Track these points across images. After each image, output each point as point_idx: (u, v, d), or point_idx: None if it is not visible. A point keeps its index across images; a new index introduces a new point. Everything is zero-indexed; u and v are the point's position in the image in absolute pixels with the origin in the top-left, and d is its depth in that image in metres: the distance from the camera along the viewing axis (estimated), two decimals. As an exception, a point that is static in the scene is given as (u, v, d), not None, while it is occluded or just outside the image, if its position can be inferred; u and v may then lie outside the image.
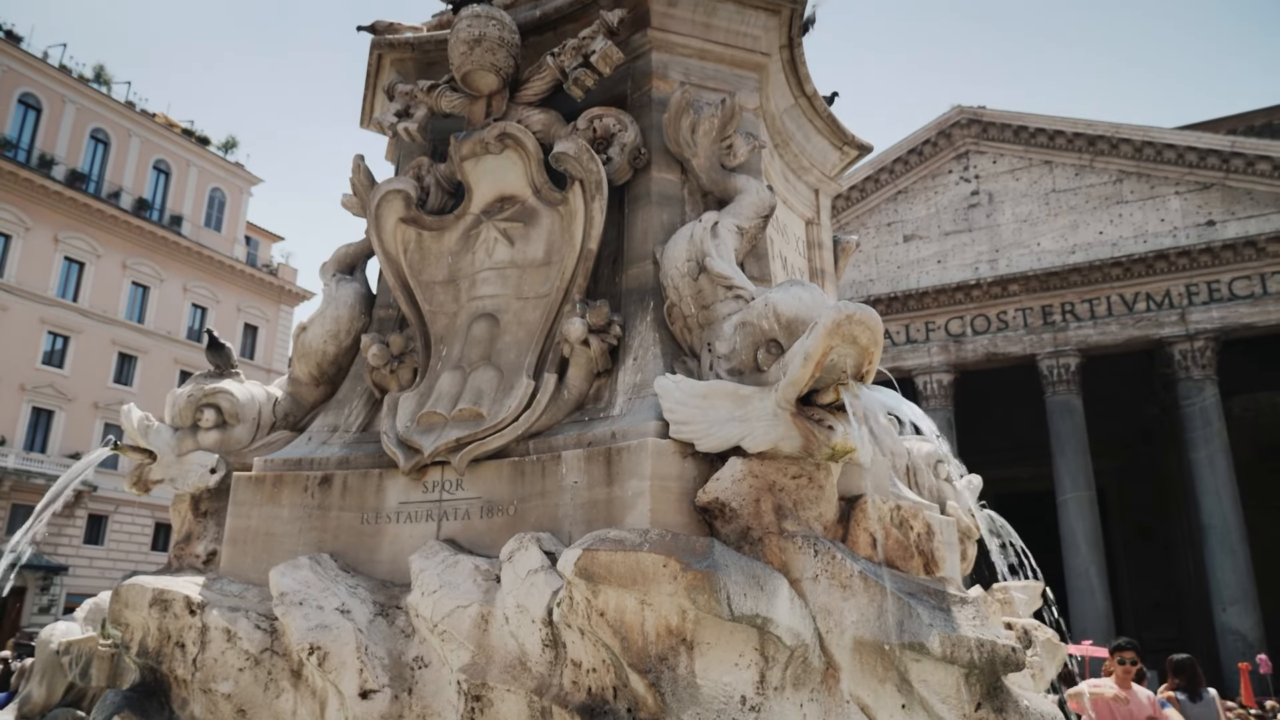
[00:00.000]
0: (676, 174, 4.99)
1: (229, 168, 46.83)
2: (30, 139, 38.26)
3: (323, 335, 5.54)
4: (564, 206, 4.89)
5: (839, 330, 3.56)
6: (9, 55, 37.54)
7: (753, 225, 4.73)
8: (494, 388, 4.70)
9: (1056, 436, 27.06)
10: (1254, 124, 36.08)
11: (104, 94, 41.26)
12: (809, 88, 5.93)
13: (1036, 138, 29.17)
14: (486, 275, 5.02)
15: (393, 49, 5.87)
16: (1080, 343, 27.32)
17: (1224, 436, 25.39)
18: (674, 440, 4.00)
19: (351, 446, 5.05)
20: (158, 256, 41.72)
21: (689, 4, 5.18)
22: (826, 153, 6.43)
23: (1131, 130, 27.91)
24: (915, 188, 30.86)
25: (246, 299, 45.93)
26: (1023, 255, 28.61)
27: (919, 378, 28.78)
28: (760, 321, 4.01)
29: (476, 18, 5.05)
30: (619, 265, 4.97)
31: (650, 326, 4.63)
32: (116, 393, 39.04)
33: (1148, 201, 27.63)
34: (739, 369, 4.10)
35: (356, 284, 5.74)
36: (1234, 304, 26.02)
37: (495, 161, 5.04)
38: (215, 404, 5.56)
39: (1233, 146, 26.71)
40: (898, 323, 29.42)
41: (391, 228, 5.23)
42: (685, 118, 4.87)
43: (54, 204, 37.63)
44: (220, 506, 5.34)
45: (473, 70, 5.05)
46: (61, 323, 37.70)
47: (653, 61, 5.16)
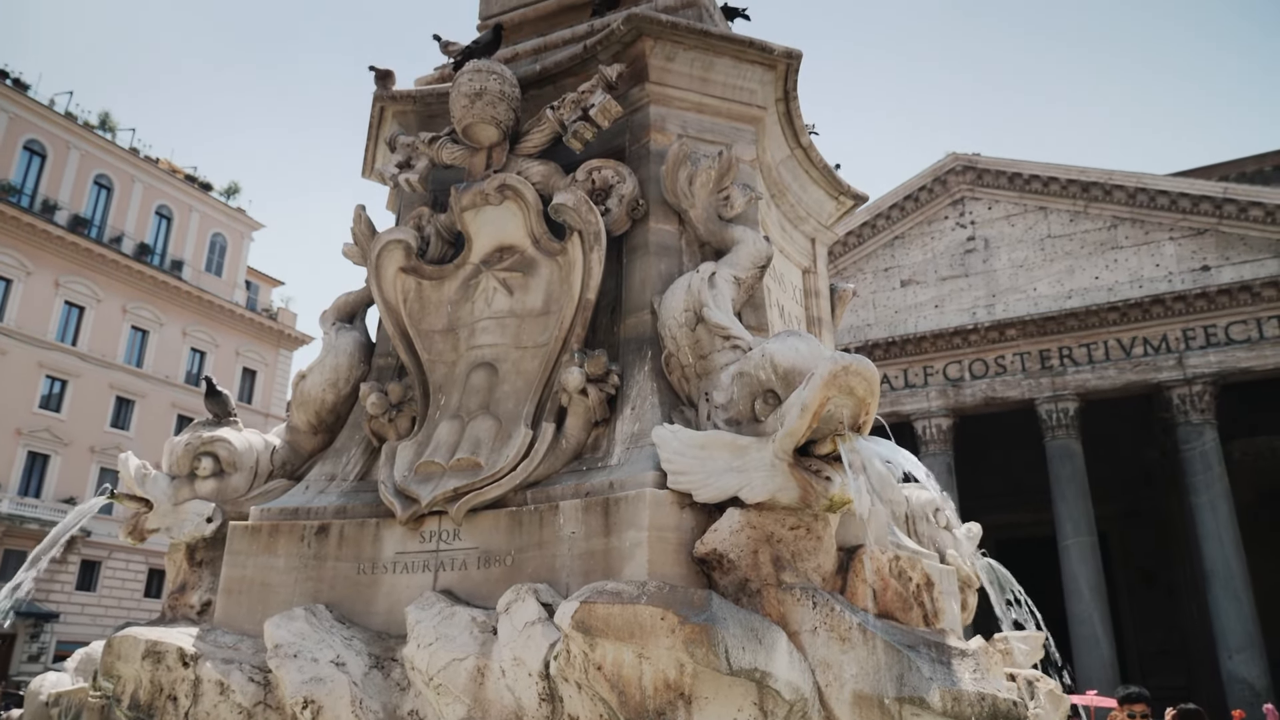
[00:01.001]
0: (674, 225, 5.05)
1: (230, 213, 47.21)
2: (34, 184, 38.61)
3: (321, 383, 5.55)
4: (563, 257, 4.93)
5: (835, 381, 3.58)
6: (16, 103, 38.04)
7: (750, 275, 4.78)
8: (492, 437, 4.70)
9: (1056, 481, 26.96)
10: (1245, 170, 36.54)
11: (108, 140, 41.75)
12: (805, 139, 6.03)
13: (1031, 184, 29.49)
14: (485, 324, 5.05)
15: (395, 101, 5.97)
16: (1078, 387, 27.34)
17: (1224, 481, 25.30)
18: (672, 491, 4.00)
19: (349, 496, 5.03)
20: (158, 301, 41.87)
21: (686, 59, 5.28)
22: (823, 202, 6.51)
23: (1124, 177, 28.23)
24: (912, 233, 31.12)
25: (245, 343, 45.99)
26: (1019, 300, 28.76)
27: (918, 422, 28.75)
28: (757, 372, 4.03)
29: (478, 72, 5.15)
30: (617, 315, 5.01)
31: (648, 376, 4.65)
32: (113, 437, 38.91)
33: (1142, 247, 27.86)
34: (736, 419, 4.11)
35: (356, 332, 5.77)
36: (1231, 348, 26.11)
37: (495, 212, 5.10)
38: (213, 452, 5.55)
39: (1225, 193, 27.01)
40: (896, 367, 29.46)
41: (391, 277, 5.27)
42: (683, 170, 4.94)
43: (56, 248, 37.86)
44: (216, 556, 5.31)
45: (474, 123, 5.13)
46: (60, 366, 37.69)
47: (651, 115, 5.25)
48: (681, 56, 5.27)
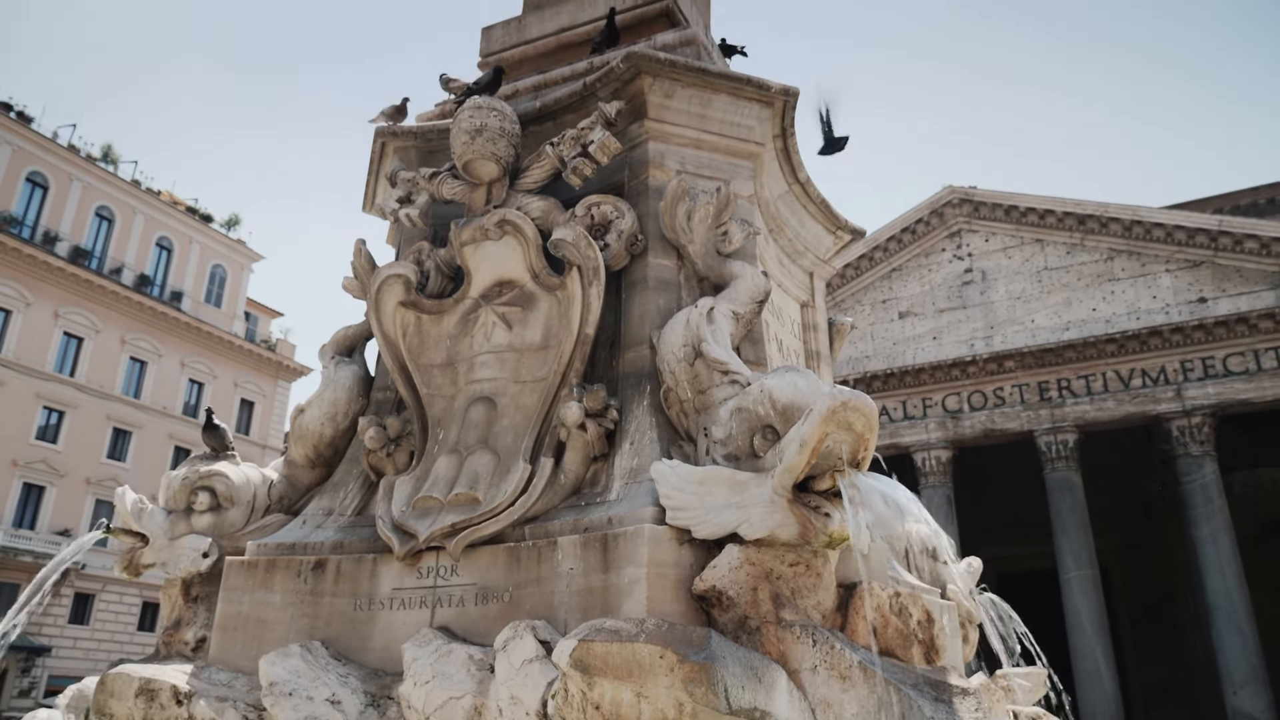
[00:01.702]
0: (673, 260, 5.08)
1: (231, 244, 47.43)
2: (36, 216, 38.83)
3: (320, 417, 5.55)
4: (562, 291, 4.95)
5: (834, 417, 3.58)
6: (19, 135, 38.37)
7: (748, 310, 4.80)
8: (490, 471, 4.69)
9: (1057, 514, 26.84)
10: (1240, 203, 36.83)
11: (110, 172, 42.05)
12: (802, 175, 6.08)
13: (1027, 217, 29.67)
14: (484, 359, 5.05)
15: (396, 137, 6.02)
16: (1078, 419, 27.31)
17: (1226, 513, 25.19)
18: (670, 526, 3.98)
19: (346, 531, 5.01)
20: (156, 332, 41.92)
21: (685, 96, 5.34)
22: (820, 237, 6.55)
23: (1120, 209, 28.41)
24: (909, 265, 31.25)
25: (244, 374, 45.99)
26: (1017, 332, 28.82)
27: (917, 454, 28.68)
28: (756, 407, 4.03)
29: (478, 109, 5.21)
30: (616, 349, 5.02)
31: (647, 411, 4.65)
32: (109, 468, 38.78)
33: (1139, 279, 27.98)
34: (735, 454, 4.11)
35: (355, 366, 5.78)
36: (1229, 380, 26.12)
37: (494, 247, 5.13)
38: (210, 487, 5.53)
39: (1220, 225, 27.17)
40: (895, 399, 29.45)
41: (391, 311, 5.29)
42: (681, 205, 4.98)
43: (56, 279, 37.98)
44: (212, 591, 5.26)
45: (474, 159, 5.18)
46: (57, 397, 37.64)
47: (649, 151, 5.30)
48: (680, 94, 5.33)
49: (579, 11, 6.76)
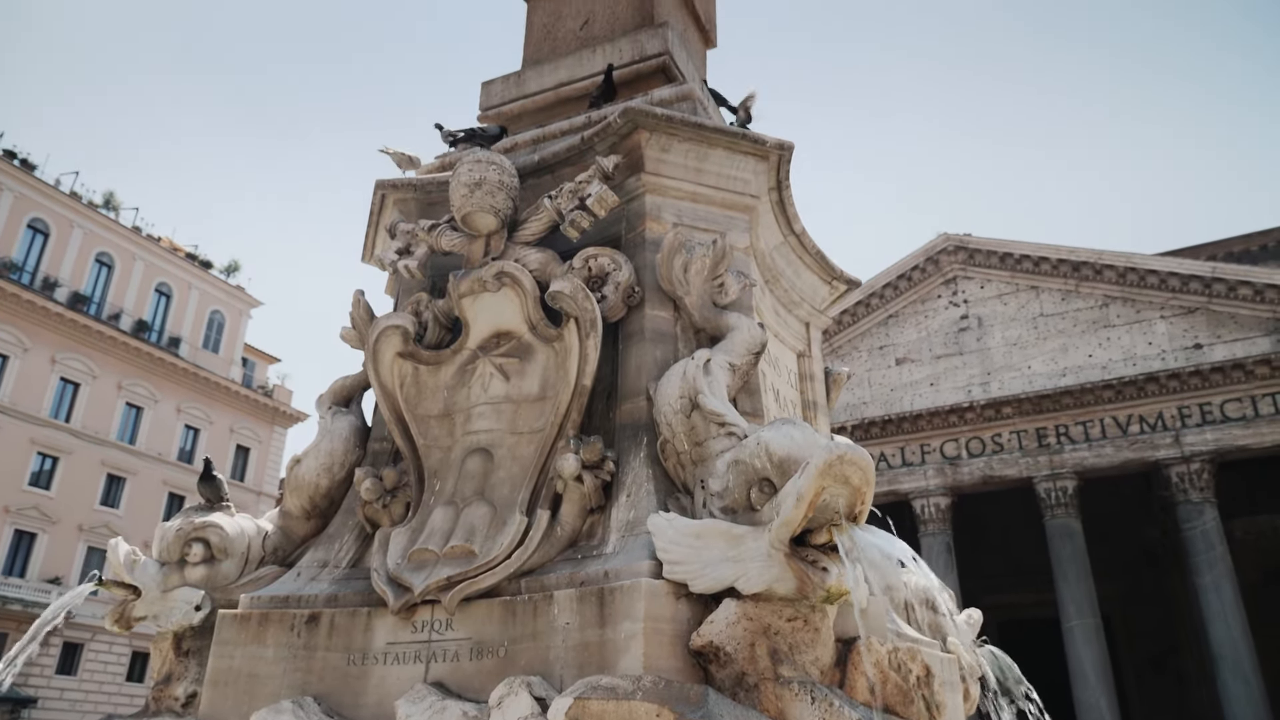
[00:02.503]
0: (670, 311, 5.11)
1: (230, 290, 47.64)
2: (36, 262, 39.04)
3: (316, 468, 5.53)
4: (559, 343, 4.97)
5: (831, 470, 3.58)
6: (22, 182, 38.74)
7: (745, 362, 4.81)
8: (486, 524, 4.66)
9: (1058, 561, 26.63)
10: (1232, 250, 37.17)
11: (111, 219, 42.38)
12: (798, 226, 6.14)
13: (1022, 263, 29.90)
14: (482, 410, 5.05)
15: (396, 189, 6.09)
16: (1076, 465, 27.23)
17: (1228, 561, 25.02)
18: (667, 581, 3.95)
19: (340, 583, 4.97)
20: (153, 377, 41.90)
21: (681, 151, 5.42)
22: (816, 287, 6.59)
23: (1114, 256, 28.66)
24: (905, 312, 31.41)
25: (240, 420, 45.88)
26: (1014, 378, 28.87)
27: (916, 501, 28.54)
28: (753, 460, 4.03)
29: (478, 162, 5.28)
30: (613, 400, 5.02)
31: (644, 462, 4.64)
32: (102, 515, 38.49)
33: (1134, 325, 28.11)
34: (732, 507, 4.09)
35: (352, 416, 5.78)
36: (1227, 426, 26.10)
37: (492, 299, 5.16)
38: (204, 538, 5.49)
39: (1213, 272, 27.38)
40: (893, 445, 29.39)
41: (389, 362, 5.30)
42: (678, 258, 5.02)
43: (54, 325, 38.06)
44: (203, 645, 5.20)
45: (473, 212, 5.23)
46: (52, 443, 37.47)
47: (646, 204, 5.36)
48: (676, 148, 5.40)
49: (577, 67, 6.88)
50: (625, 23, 7.09)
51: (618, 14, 7.20)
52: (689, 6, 7.85)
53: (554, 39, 7.42)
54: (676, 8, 7.58)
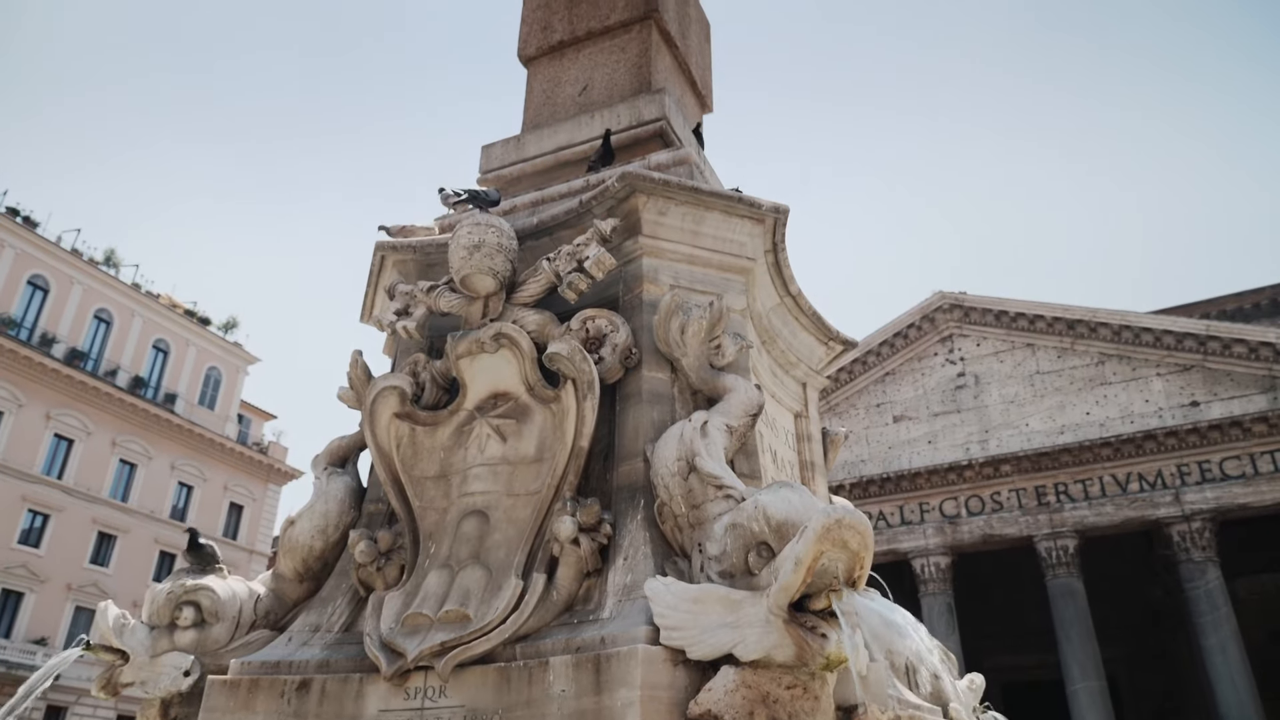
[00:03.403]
0: (667, 373, 5.12)
1: (227, 347, 47.71)
2: (35, 318, 39.15)
3: (310, 530, 5.48)
4: (556, 404, 4.97)
5: (829, 535, 3.56)
6: (24, 239, 39.05)
7: (742, 424, 4.81)
8: (482, 588, 4.61)
9: (1061, 622, 26.28)
10: (1225, 308, 37.47)
11: (111, 276, 42.63)
12: (794, 287, 6.19)
13: (1017, 321, 30.09)
14: (478, 471, 5.03)
15: (396, 251, 6.15)
16: (1077, 524, 27.05)
17: (1233, 621, 24.70)
18: (664, 647, 3.89)
19: (333, 648, 4.88)
20: (148, 434, 41.71)
21: (678, 214, 5.49)
22: (813, 348, 6.62)
23: (1108, 314, 28.85)
24: (902, 370, 31.49)
25: (234, 477, 45.55)
26: (1012, 436, 28.82)
27: (916, 560, 28.27)
28: (750, 524, 4.01)
29: (476, 225, 5.34)
30: (610, 462, 5.01)
31: (641, 525, 4.60)
32: (91, 574, 37.99)
33: (1131, 382, 28.17)
34: (730, 572, 4.05)
35: (347, 477, 5.74)
36: (1227, 484, 26.00)
37: (490, 360, 5.17)
38: (195, 601, 5.40)
39: (1208, 330, 27.55)
40: (892, 504, 29.21)
41: (385, 422, 5.29)
42: (675, 319, 5.05)
43: (50, 381, 38.00)
44: (192, 712, 5.08)
45: (471, 274, 5.27)
46: (43, 500, 37.12)
47: (644, 266, 5.41)
48: (673, 211, 5.47)
49: (576, 131, 7.01)
50: (623, 89, 7.25)
51: (616, 80, 7.36)
52: (685, 73, 8.03)
53: (553, 104, 7.57)
54: (673, 74, 7.76)
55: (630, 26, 7.58)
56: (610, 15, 7.65)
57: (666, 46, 7.70)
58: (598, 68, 7.54)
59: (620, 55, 7.48)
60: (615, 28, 7.62)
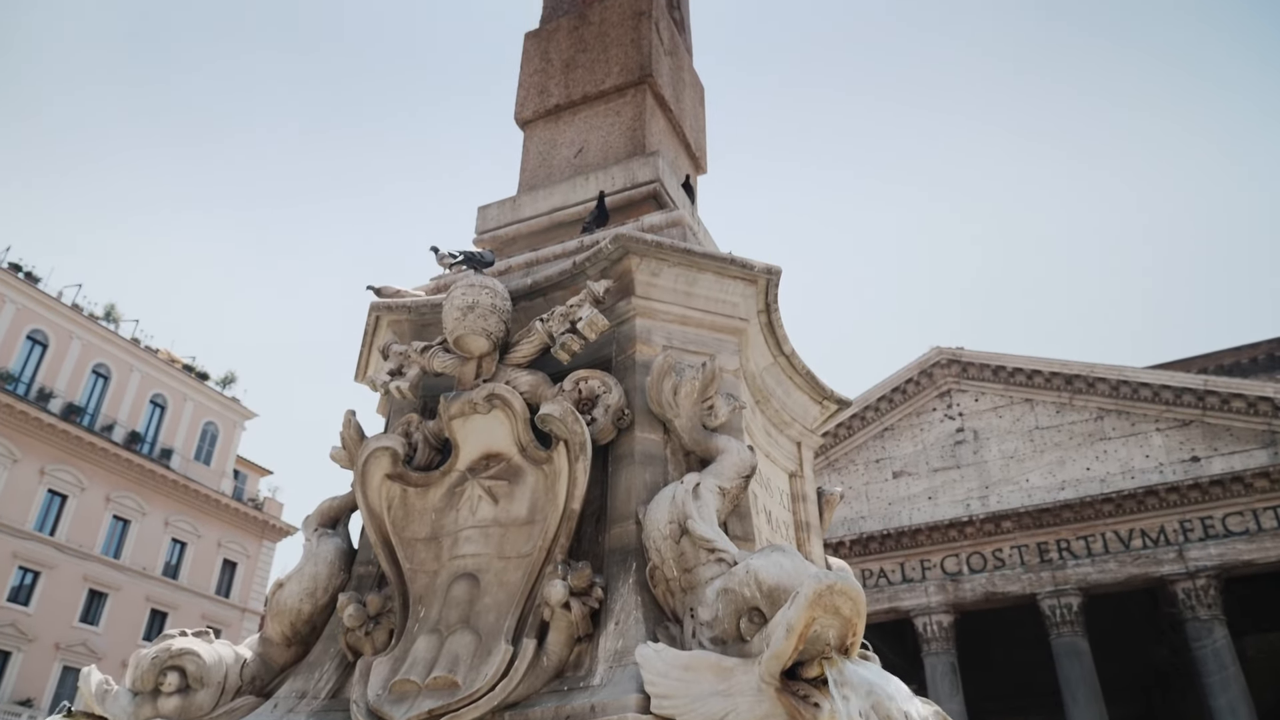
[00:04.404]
0: (659, 434, 5.11)
1: (225, 402, 47.66)
2: (33, 373, 39.17)
3: (299, 593, 5.41)
4: (549, 466, 4.95)
5: (821, 601, 3.51)
6: (25, 294, 39.27)
7: (734, 485, 4.78)
8: (471, 653, 4.53)
9: (1066, 683, 25.80)
10: (1223, 363, 37.52)
11: (111, 331, 42.78)
12: (787, 347, 6.21)
13: (1015, 377, 30.10)
14: (469, 534, 4.99)
15: (390, 311, 6.17)
16: (1080, 581, 26.73)
17: (1242, 681, 24.26)
18: (655, 715, 3.81)
19: (319, 715, 4.79)
20: (143, 490, 41.43)
21: (671, 275, 5.52)
22: (807, 407, 6.61)
23: (1106, 370, 28.88)
24: (901, 425, 31.41)
25: (228, 534, 45.12)
26: (1013, 492, 28.64)
27: (918, 619, 27.87)
28: (742, 589, 3.96)
29: (471, 286, 5.37)
30: (602, 524, 4.97)
31: (633, 589, 4.55)
32: (81, 633, 37.40)
33: (1130, 438, 28.08)
34: (722, 638, 3.99)
35: (338, 539, 5.69)
36: (1231, 540, 25.76)
37: (483, 421, 5.16)
38: (180, 666, 5.30)
39: (1206, 385, 27.54)
40: (893, 561, 28.90)
41: (377, 484, 5.26)
42: (668, 380, 5.05)
43: (46, 436, 37.86)
44: (172, 782, 4.96)
45: (465, 335, 5.29)
46: (34, 557, 36.70)
47: (637, 327, 5.43)
48: (666, 273, 5.51)
49: (571, 193, 7.10)
50: (618, 151, 7.36)
51: (611, 143, 7.47)
52: (679, 135, 8.16)
53: (549, 166, 7.68)
54: (667, 137, 7.88)
55: (625, 91, 7.73)
56: (606, 80, 7.80)
57: (661, 110, 7.84)
58: (593, 130, 7.67)
59: (615, 119, 7.61)
60: (610, 92, 7.77)
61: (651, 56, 7.73)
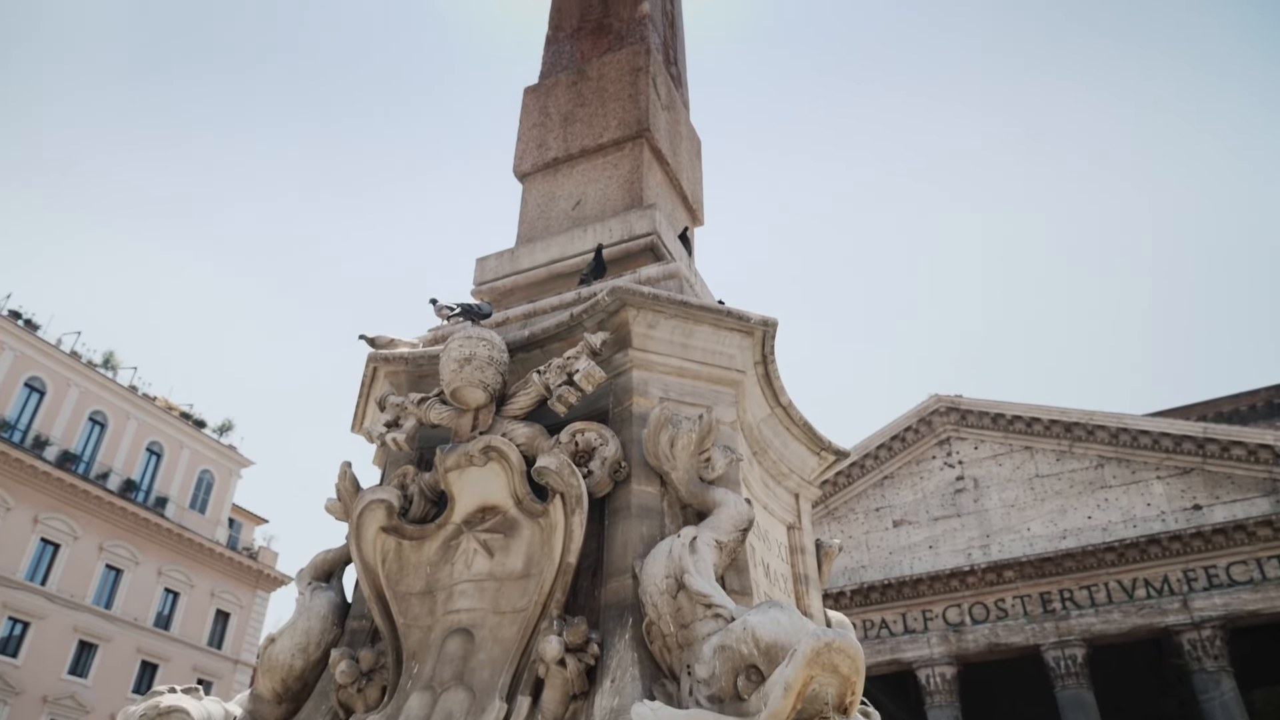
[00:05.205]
0: (656, 486, 5.08)
1: (221, 450, 47.43)
2: (30, 420, 39.03)
3: (291, 648, 5.33)
4: (544, 519, 4.92)
5: (819, 659, 3.46)
6: (23, 341, 39.29)
7: (732, 539, 4.74)
8: (464, 711, 4.46)
9: (1072, 737, 25.32)
10: (1222, 410, 37.49)
11: (109, 378, 42.72)
12: (784, 398, 6.20)
13: (1014, 424, 30.03)
14: (464, 588, 4.94)
15: (388, 363, 6.18)
16: (1084, 631, 26.39)
17: (1252, 736, 23.84)
18: (652, 777, 3.73)
19: (308, 776, 4.69)
20: (136, 539, 41.02)
21: (668, 327, 5.54)
22: (805, 458, 6.59)
23: (1105, 417, 28.83)
24: (901, 473, 31.27)
25: (222, 584, 44.57)
26: (1014, 540, 28.41)
27: (920, 671, 27.44)
28: (739, 646, 3.90)
29: (468, 338, 5.39)
30: (598, 578, 4.91)
31: (629, 645, 4.48)
32: (69, 685, 36.75)
33: (1131, 486, 27.94)
34: (719, 696, 3.93)
35: (331, 593, 5.63)
36: (1235, 590, 25.49)
37: (479, 473, 5.14)
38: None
39: (1205, 433, 27.47)
40: (894, 611, 28.55)
41: (372, 537, 5.22)
42: (664, 433, 5.04)
43: (40, 484, 37.59)
44: (156, 846, 4.85)
45: (462, 387, 5.29)
46: (23, 607, 36.18)
47: (633, 379, 5.43)
48: (663, 325, 5.53)
49: (569, 245, 7.15)
50: (615, 204, 7.44)
51: (609, 195, 7.56)
52: (676, 188, 8.25)
53: (547, 218, 7.76)
54: (664, 189, 7.97)
55: (623, 144, 7.83)
56: (604, 134, 7.91)
57: (658, 163, 7.94)
58: (591, 183, 7.76)
59: (613, 172, 7.71)
60: (608, 145, 7.87)
61: (649, 111, 7.86)
